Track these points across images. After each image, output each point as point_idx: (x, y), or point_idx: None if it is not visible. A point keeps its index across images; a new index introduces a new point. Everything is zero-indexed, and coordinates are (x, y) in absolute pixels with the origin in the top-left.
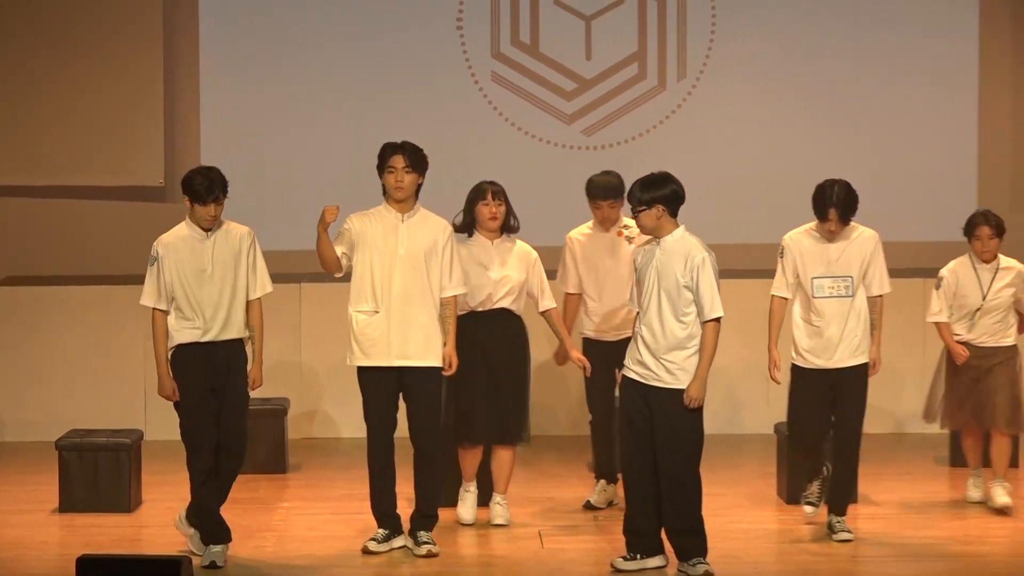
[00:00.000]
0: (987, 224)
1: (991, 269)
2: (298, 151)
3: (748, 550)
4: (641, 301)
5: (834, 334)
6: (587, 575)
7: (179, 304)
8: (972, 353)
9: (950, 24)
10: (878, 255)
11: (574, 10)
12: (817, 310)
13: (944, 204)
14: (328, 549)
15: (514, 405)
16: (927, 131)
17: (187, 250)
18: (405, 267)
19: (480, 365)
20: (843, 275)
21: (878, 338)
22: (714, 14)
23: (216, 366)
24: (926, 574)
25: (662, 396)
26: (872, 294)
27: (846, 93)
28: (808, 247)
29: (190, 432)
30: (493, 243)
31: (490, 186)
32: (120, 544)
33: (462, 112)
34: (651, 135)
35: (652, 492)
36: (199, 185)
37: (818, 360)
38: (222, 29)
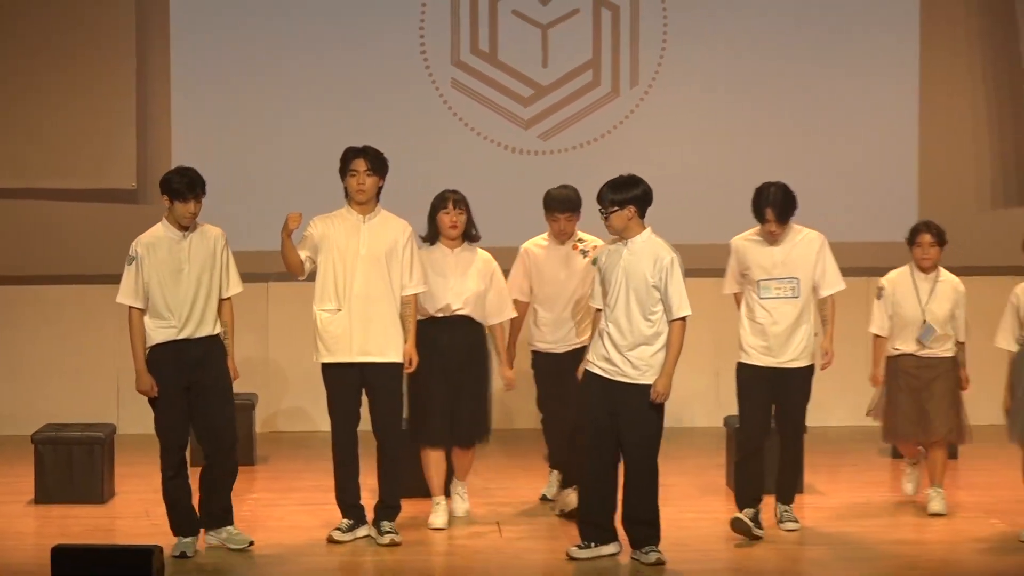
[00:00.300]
0: (928, 232)
1: (931, 280)
2: (265, 155)
3: (698, 538)
4: (608, 300)
5: (780, 334)
6: (544, 563)
7: (154, 304)
8: (913, 364)
9: (892, 27)
10: (826, 254)
11: (531, 19)
12: (764, 310)
13: (887, 204)
14: (295, 539)
15: (474, 409)
16: (871, 132)
17: (165, 250)
18: (366, 267)
19: (439, 369)
20: (788, 277)
21: (831, 332)
22: (665, 24)
23: (191, 362)
24: (861, 558)
25: (628, 391)
26: (824, 294)
27: (793, 97)
28: (754, 250)
29: (164, 429)
30: (454, 251)
31: (452, 195)
32: (94, 534)
33: (423, 117)
34: (605, 140)
35: (609, 484)
36: (179, 183)
37: (764, 358)
38: (192, 40)
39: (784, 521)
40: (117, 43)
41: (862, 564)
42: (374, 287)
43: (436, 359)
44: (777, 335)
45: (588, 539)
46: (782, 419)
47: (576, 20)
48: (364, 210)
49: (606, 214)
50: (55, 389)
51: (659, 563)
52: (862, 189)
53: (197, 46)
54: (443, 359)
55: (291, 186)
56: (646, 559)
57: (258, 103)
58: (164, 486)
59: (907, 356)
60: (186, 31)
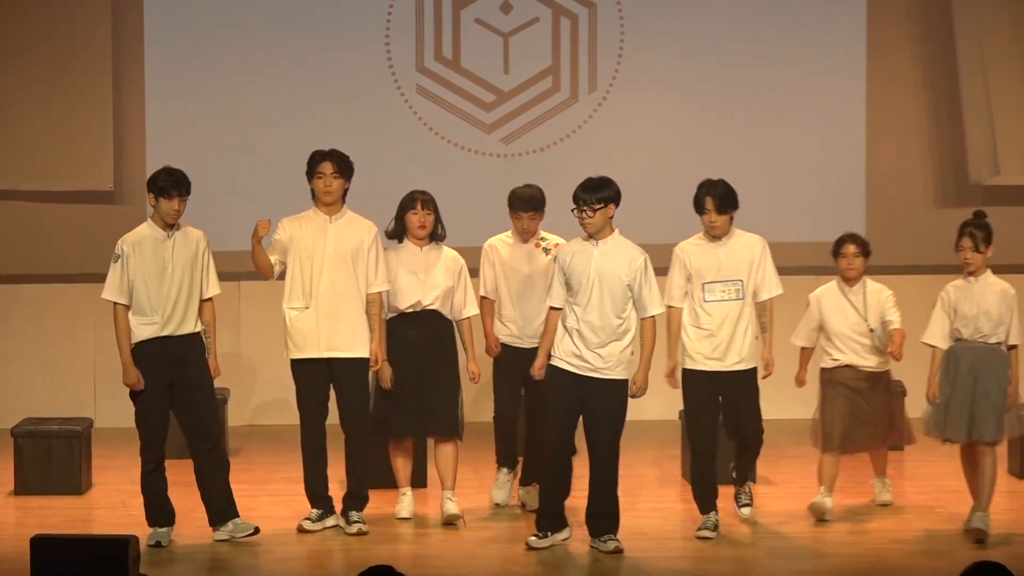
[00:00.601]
0: (853, 243)
1: (858, 291)
2: (236, 158)
3: (654, 527)
4: (578, 299)
5: (725, 337)
6: (505, 551)
7: (138, 301)
8: (850, 376)
9: (839, 31)
10: (766, 258)
11: (493, 27)
12: (708, 314)
13: (836, 205)
14: (266, 528)
15: (445, 398)
16: (820, 134)
17: (150, 249)
18: (333, 266)
19: (410, 362)
20: (732, 279)
21: (769, 340)
22: (622, 32)
23: (174, 359)
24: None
25: (599, 386)
26: (762, 298)
27: (745, 101)
28: (697, 253)
29: (144, 425)
30: (422, 250)
31: (420, 195)
32: (72, 524)
33: (389, 122)
34: (565, 143)
35: (566, 476)
36: (164, 181)
37: (710, 363)
38: (165, 50)
39: (741, 507)
40: (94, 53)
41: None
42: (340, 285)
43: (407, 353)
44: (722, 339)
45: (544, 529)
46: (737, 424)
47: (536, 28)
48: (331, 211)
49: (592, 211)
50: (35, 385)
51: (617, 551)
52: (812, 189)
53: (170, 55)
54: (414, 353)
55: (261, 188)
56: (605, 547)
57: (229, 108)
58: (144, 479)
59: (844, 368)
60: (159, 41)
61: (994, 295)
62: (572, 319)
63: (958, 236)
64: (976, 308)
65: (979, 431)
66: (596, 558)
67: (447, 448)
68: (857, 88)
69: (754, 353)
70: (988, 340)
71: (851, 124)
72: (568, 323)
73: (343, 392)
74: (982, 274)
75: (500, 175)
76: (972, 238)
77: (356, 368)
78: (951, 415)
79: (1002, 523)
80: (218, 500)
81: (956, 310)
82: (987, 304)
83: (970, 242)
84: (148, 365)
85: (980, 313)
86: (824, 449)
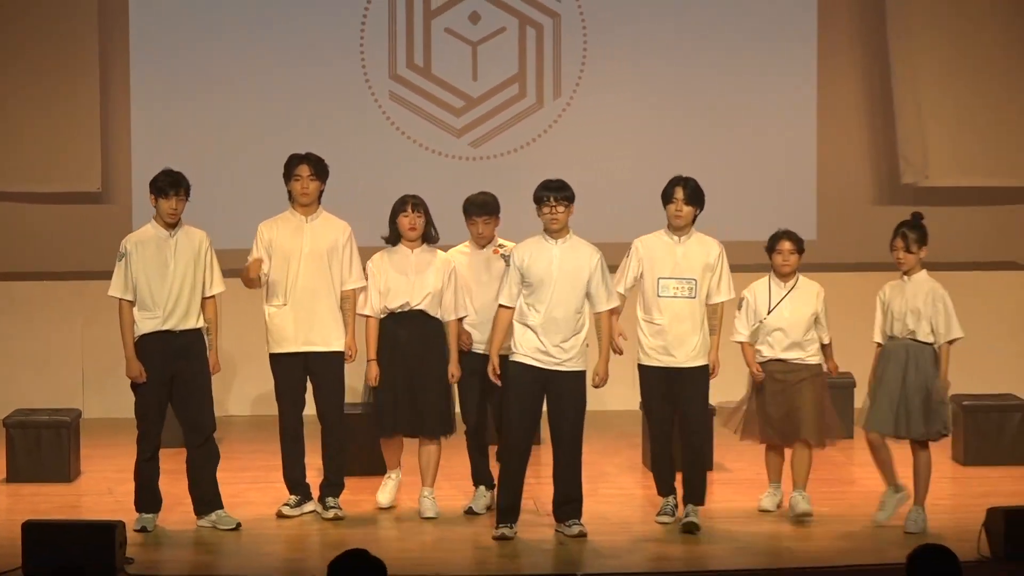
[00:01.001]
0: (788, 239)
1: (787, 287)
2: (217, 160)
3: (617, 512)
4: (540, 296)
5: (676, 333)
6: (474, 540)
7: (141, 296)
8: (779, 369)
9: (792, 38)
10: (722, 263)
11: (462, 36)
12: (660, 310)
13: (789, 203)
14: (246, 514)
15: (434, 399)
16: (774, 136)
17: (153, 247)
18: (308, 264)
19: (399, 362)
20: (687, 277)
21: (717, 342)
22: (585, 41)
23: (175, 352)
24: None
25: (563, 378)
26: (713, 301)
27: (702, 106)
28: (656, 248)
29: (142, 416)
30: (414, 252)
31: (411, 199)
32: (62, 510)
33: (364, 127)
34: (531, 147)
35: (524, 469)
36: (162, 181)
37: (663, 358)
38: (149, 57)
39: (688, 516)
40: (81, 62)
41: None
42: (316, 282)
43: (396, 354)
44: (674, 335)
45: (507, 520)
46: (684, 421)
47: (503, 37)
48: (307, 212)
49: (563, 207)
50: (25, 377)
51: (581, 535)
52: (767, 190)
53: (154, 63)
54: (403, 354)
55: (240, 189)
56: (569, 531)
57: (211, 113)
58: (138, 466)
59: (773, 361)
60: (144, 50)
61: (924, 294)
62: (534, 316)
63: (892, 236)
64: (905, 306)
65: (909, 428)
66: (561, 542)
67: (431, 447)
68: (808, 94)
69: (706, 350)
70: (916, 337)
71: (803, 127)
72: (529, 321)
73: (319, 384)
74: (916, 273)
75: (469, 177)
76: (904, 239)
77: (331, 361)
78: (879, 409)
79: (946, 508)
80: (205, 491)
81: (889, 308)
82: (916, 302)
83: (902, 242)
84: (149, 358)
85: (908, 311)
86: (744, 439)
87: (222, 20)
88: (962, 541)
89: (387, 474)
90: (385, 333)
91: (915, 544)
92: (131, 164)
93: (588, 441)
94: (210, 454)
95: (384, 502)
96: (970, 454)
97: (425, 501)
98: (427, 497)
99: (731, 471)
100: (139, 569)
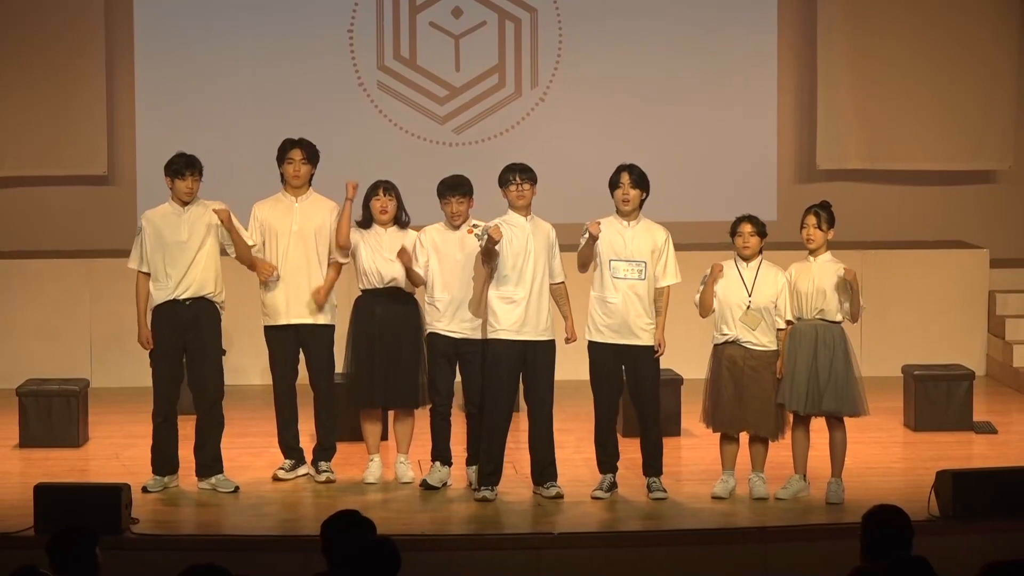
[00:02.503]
0: (749, 222)
1: (752, 268)
2: (216, 146)
3: (591, 474)
4: (521, 270)
5: (627, 313)
6: (459, 501)
7: (155, 269)
8: (739, 353)
9: (753, 29)
10: (668, 248)
11: (445, 30)
12: (612, 290)
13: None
14: (243, 477)
15: (408, 372)
16: (736, 123)
17: (165, 222)
18: (298, 242)
19: (376, 336)
20: (637, 259)
21: (662, 323)
22: (560, 34)
23: (185, 323)
24: None
25: (540, 348)
26: (660, 284)
27: (671, 94)
28: (610, 232)
29: (155, 382)
30: (387, 231)
31: (383, 183)
32: (71, 474)
33: (354, 115)
34: (510, 133)
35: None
36: (177, 163)
37: (611, 335)
38: (153, 46)
39: (653, 491)
40: (88, 49)
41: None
42: (305, 259)
43: (373, 329)
44: (624, 314)
45: (489, 483)
46: (638, 399)
47: (484, 31)
48: (298, 193)
49: (531, 186)
50: (36, 349)
51: (559, 496)
52: (731, 172)
53: (157, 52)
54: (379, 329)
55: (238, 172)
56: (547, 493)
57: (211, 100)
58: (154, 430)
59: (733, 344)
60: (148, 39)
61: (830, 275)
62: (521, 290)
63: (804, 215)
64: (811, 286)
65: (823, 405)
66: (539, 503)
67: (406, 418)
68: (769, 84)
69: (652, 331)
70: (826, 317)
71: (764, 115)
72: (517, 295)
73: (310, 354)
74: (822, 253)
75: (453, 162)
76: (816, 216)
77: (320, 333)
78: (794, 388)
79: (898, 471)
80: (206, 454)
81: (796, 288)
82: (823, 283)
83: (814, 219)
84: (160, 328)
85: (816, 291)
86: (707, 424)
87: (225, 9)
88: (913, 502)
89: (369, 457)
90: (361, 310)
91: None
92: (136, 148)
93: (561, 408)
94: (214, 420)
95: (372, 480)
96: (920, 420)
97: (401, 467)
98: (403, 463)
99: (698, 436)
100: (144, 528)
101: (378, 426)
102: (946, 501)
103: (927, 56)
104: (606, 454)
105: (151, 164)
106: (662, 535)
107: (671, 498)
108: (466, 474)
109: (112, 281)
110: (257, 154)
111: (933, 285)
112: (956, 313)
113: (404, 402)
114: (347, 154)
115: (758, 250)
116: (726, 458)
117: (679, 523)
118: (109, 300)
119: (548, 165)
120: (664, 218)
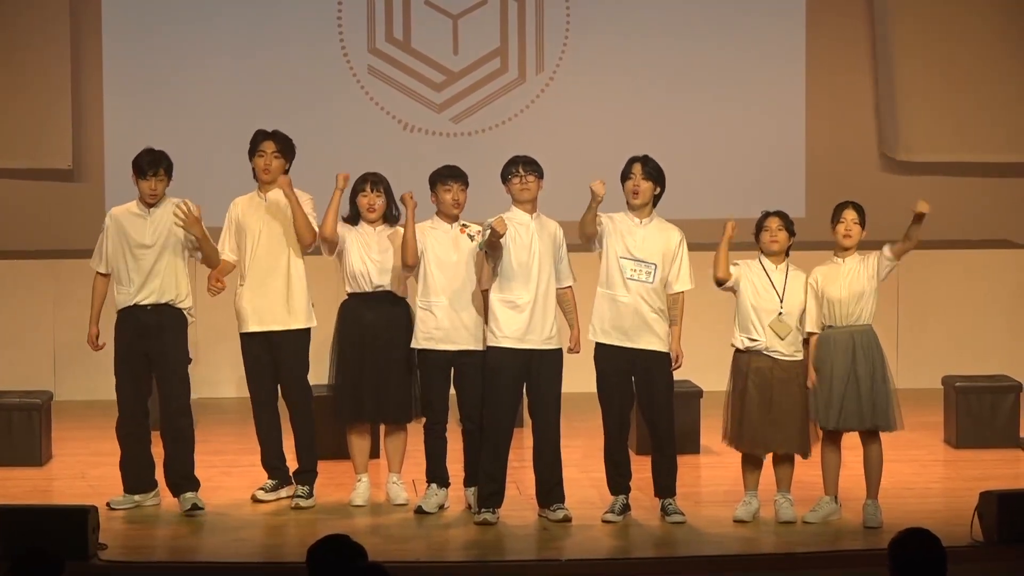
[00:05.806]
0: (778, 216)
1: (781, 271)
2: (191, 137)
3: (601, 495)
4: (526, 272)
5: (634, 316)
6: (456, 526)
7: (117, 271)
8: (766, 364)
9: (780, 11)
10: (682, 252)
11: (442, 9)
12: (623, 289)
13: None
14: (221, 498)
15: (398, 384)
16: (762, 112)
17: (128, 223)
18: (265, 242)
19: (365, 344)
20: (646, 260)
21: (678, 333)
22: (568, 13)
23: (145, 330)
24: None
25: (545, 357)
26: (673, 290)
27: (687, 81)
28: (621, 227)
29: (119, 391)
30: (376, 230)
31: (371, 177)
32: (32, 495)
33: (342, 103)
34: (513, 122)
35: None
36: (142, 160)
37: (620, 338)
38: (122, 31)
39: (670, 514)
40: (53, 34)
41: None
42: (272, 260)
43: (363, 335)
44: (633, 317)
45: (490, 505)
46: (649, 410)
47: (484, 10)
48: (267, 189)
49: (536, 179)
50: None
51: (566, 519)
52: (754, 166)
53: (127, 37)
54: (370, 335)
55: (215, 165)
56: (554, 516)
57: (185, 88)
58: (119, 443)
59: (758, 354)
60: (117, 23)
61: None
62: (525, 295)
63: (839, 210)
64: (845, 291)
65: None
66: (545, 527)
67: (398, 433)
68: (797, 70)
69: (665, 337)
70: (862, 321)
71: (792, 104)
72: (521, 300)
73: (283, 362)
74: (851, 255)
75: (450, 154)
76: (857, 210)
77: (293, 339)
78: (831, 402)
79: (938, 492)
80: (175, 472)
81: (825, 296)
82: (857, 286)
83: (855, 214)
84: (122, 334)
85: (850, 296)
86: (731, 444)
87: None
88: (954, 526)
89: (357, 476)
90: (349, 315)
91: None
92: (104, 142)
93: (568, 425)
94: (179, 435)
95: (360, 503)
96: (963, 436)
97: (394, 487)
98: (395, 483)
99: (719, 454)
100: (112, 555)
101: (367, 443)
102: (990, 525)
103: (989, 43)
104: (618, 473)
105: (120, 158)
106: (679, 562)
107: (689, 522)
108: (464, 496)
109: (78, 284)
110: (236, 147)
111: (976, 288)
112: (1001, 319)
113: (396, 416)
114: (335, 145)
115: (786, 249)
116: (749, 478)
117: (698, 549)
118: (75, 305)
119: (555, 157)
120: (681, 215)
